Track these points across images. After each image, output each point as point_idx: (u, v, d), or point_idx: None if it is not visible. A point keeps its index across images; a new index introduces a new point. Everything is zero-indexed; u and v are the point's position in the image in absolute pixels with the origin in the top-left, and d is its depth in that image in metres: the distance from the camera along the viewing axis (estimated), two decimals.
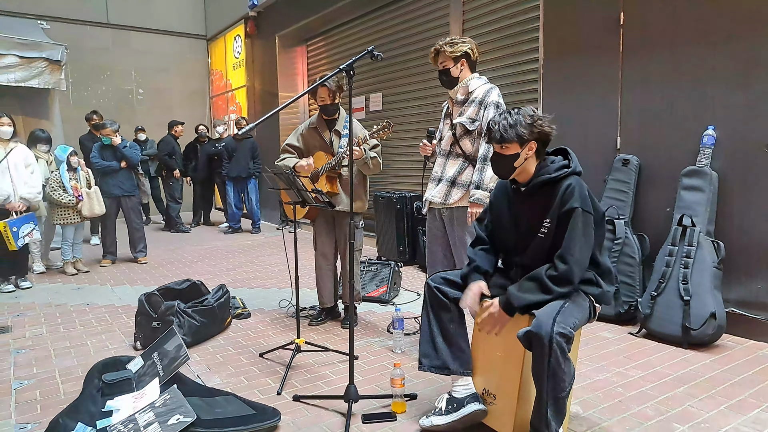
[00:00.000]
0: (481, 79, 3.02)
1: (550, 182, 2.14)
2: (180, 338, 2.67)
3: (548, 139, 2.17)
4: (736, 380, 2.73)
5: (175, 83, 10.91)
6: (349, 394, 2.41)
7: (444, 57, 2.97)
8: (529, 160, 2.17)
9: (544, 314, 1.93)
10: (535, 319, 1.94)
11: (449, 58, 2.96)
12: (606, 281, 2.19)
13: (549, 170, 2.15)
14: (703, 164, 3.38)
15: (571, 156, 2.20)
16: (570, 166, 2.16)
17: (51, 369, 3.07)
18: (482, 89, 2.94)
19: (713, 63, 3.38)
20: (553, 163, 2.19)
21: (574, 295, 2.08)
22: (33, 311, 4.24)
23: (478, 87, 2.96)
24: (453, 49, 2.94)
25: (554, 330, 1.85)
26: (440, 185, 3.01)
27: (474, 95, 2.95)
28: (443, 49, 2.96)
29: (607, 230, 3.76)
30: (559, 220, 2.09)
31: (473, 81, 2.99)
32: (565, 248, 2.04)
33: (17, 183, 4.76)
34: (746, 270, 3.27)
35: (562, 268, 2.02)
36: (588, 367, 2.94)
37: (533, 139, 2.13)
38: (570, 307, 2.00)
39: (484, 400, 2.26)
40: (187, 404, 2.19)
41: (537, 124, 2.12)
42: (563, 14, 4.23)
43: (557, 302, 2.01)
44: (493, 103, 2.89)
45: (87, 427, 2.20)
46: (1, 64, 5.78)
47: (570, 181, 2.11)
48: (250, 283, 5.00)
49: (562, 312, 1.94)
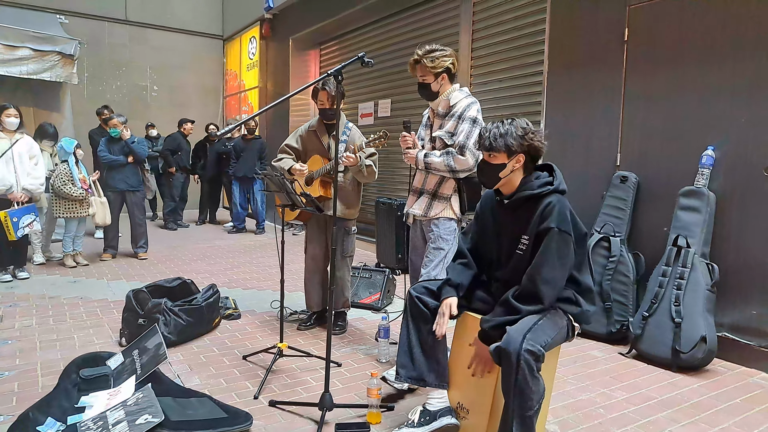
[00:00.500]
0: (463, 91, 2.93)
1: (532, 198, 2.11)
2: (161, 337, 2.67)
3: (538, 153, 2.15)
4: (722, 407, 2.66)
5: (189, 81, 11.02)
6: (324, 402, 2.39)
7: (424, 71, 2.84)
8: (516, 172, 2.15)
9: (515, 330, 1.90)
10: (506, 334, 1.91)
11: (429, 73, 2.83)
12: (587, 300, 2.15)
13: (532, 186, 2.13)
14: (701, 185, 3.32)
15: (556, 173, 2.17)
16: (553, 184, 2.13)
17: (34, 361, 3.09)
18: (463, 103, 2.85)
19: (717, 82, 3.33)
20: (538, 178, 2.16)
21: (552, 313, 2.05)
22: (26, 302, 4.28)
23: (459, 101, 2.87)
24: (434, 64, 2.80)
25: (523, 347, 1.82)
26: (421, 198, 2.95)
27: (455, 109, 2.85)
28: (423, 63, 2.82)
29: (602, 247, 3.71)
30: (536, 237, 2.06)
31: (455, 94, 2.89)
32: (534, 267, 2.02)
33: (20, 174, 4.83)
34: (741, 294, 3.20)
35: (526, 286, 2.00)
36: (572, 386, 2.89)
37: (522, 151, 2.11)
38: (544, 325, 1.97)
39: (458, 414, 2.23)
40: (157, 404, 2.18)
41: (528, 137, 2.10)
42: (569, 28, 4.20)
43: (531, 318, 1.97)
44: (469, 119, 2.81)
45: (57, 422, 2.21)
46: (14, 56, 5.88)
47: (551, 199, 2.08)
48: (246, 284, 5.01)
49: (534, 329, 1.91)
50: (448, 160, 2.78)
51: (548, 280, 1.99)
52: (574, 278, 2.12)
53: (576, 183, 4.14)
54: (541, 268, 1.99)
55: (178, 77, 10.85)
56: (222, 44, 11.35)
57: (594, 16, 4.00)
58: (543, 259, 2.00)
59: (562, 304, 2.10)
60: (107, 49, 10.01)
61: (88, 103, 9.31)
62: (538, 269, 1.99)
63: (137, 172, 5.95)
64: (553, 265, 2.00)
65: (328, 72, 2.34)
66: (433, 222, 2.89)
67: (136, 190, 5.90)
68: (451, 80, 2.91)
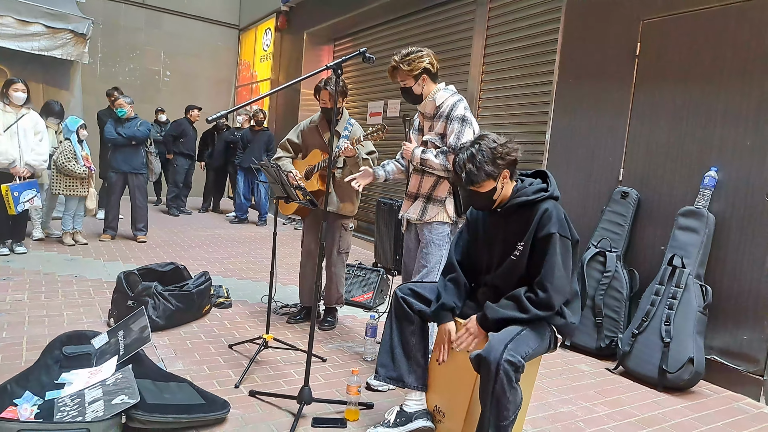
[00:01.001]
0: (447, 90, 2.87)
1: (526, 205, 2.10)
2: (147, 320, 2.67)
3: (517, 162, 2.13)
4: (703, 429, 2.64)
5: (203, 69, 11.05)
6: (302, 395, 2.38)
7: (403, 75, 2.77)
8: (506, 186, 2.13)
9: (496, 339, 1.89)
10: (487, 342, 1.90)
11: (409, 77, 2.77)
12: (572, 309, 2.13)
13: (526, 192, 2.12)
14: (702, 206, 3.29)
15: (550, 180, 2.16)
16: (548, 190, 2.11)
17: (20, 335, 3.11)
18: (449, 103, 2.80)
19: (725, 103, 3.30)
20: (531, 185, 2.15)
21: (536, 324, 2.03)
22: (20, 276, 4.30)
23: (444, 100, 2.81)
24: (411, 67, 2.73)
25: (503, 357, 1.81)
26: (416, 202, 2.90)
27: (441, 109, 2.81)
28: (400, 68, 2.75)
29: (598, 262, 3.68)
30: (534, 244, 2.05)
31: (439, 94, 2.83)
32: (545, 275, 2.00)
33: (24, 149, 4.85)
34: (733, 318, 3.17)
35: (542, 296, 1.99)
36: (555, 398, 2.87)
37: (503, 169, 2.09)
38: (526, 335, 1.96)
39: (434, 417, 2.22)
40: (135, 386, 2.18)
41: (500, 157, 2.07)
42: (582, 39, 4.17)
43: (514, 328, 1.96)
44: (458, 118, 2.75)
45: (34, 396, 2.22)
46: (27, 32, 5.90)
47: (547, 205, 2.07)
48: (241, 275, 5.02)
49: (516, 339, 1.90)
50: (443, 160, 2.76)
51: (559, 287, 1.99)
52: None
53: (577, 195, 4.13)
54: (552, 278, 1.98)
55: (191, 64, 10.89)
56: (237, 34, 11.38)
57: (607, 28, 3.97)
58: (551, 267, 1.99)
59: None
60: (122, 31, 10.07)
61: (100, 83, 9.36)
62: (549, 277, 1.98)
63: (140, 154, 5.96)
64: (561, 272, 2.00)
65: (327, 65, 2.32)
66: (426, 227, 2.86)
67: (138, 172, 5.92)
68: (434, 80, 2.84)
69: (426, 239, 2.85)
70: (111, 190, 5.86)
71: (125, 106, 5.76)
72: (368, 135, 3.32)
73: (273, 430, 2.31)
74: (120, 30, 10.02)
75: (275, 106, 9.64)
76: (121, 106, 5.76)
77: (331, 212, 3.58)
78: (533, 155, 4.63)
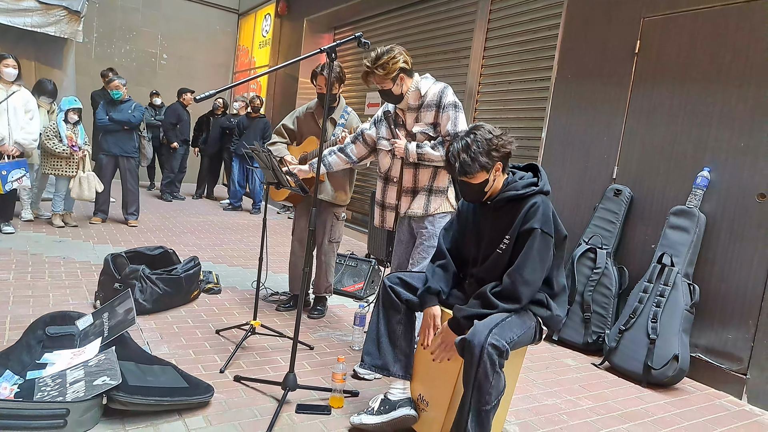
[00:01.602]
0: (428, 78, 2.79)
1: (516, 199, 2.09)
2: (132, 302, 2.65)
3: (510, 154, 2.12)
4: (685, 425, 2.66)
5: (200, 53, 10.95)
6: (287, 381, 2.38)
7: (379, 79, 2.68)
8: (498, 179, 2.13)
9: (481, 324, 1.89)
10: (472, 327, 1.90)
11: (386, 80, 2.68)
12: (559, 302, 2.14)
13: (516, 186, 2.11)
14: (693, 205, 3.30)
15: (541, 174, 2.15)
16: (538, 185, 2.10)
17: (4, 315, 3.07)
18: (434, 90, 2.72)
19: (721, 104, 3.29)
20: (522, 179, 2.14)
21: (521, 313, 2.04)
22: (7, 256, 4.26)
23: (428, 89, 2.74)
24: (387, 70, 2.64)
25: (487, 340, 1.81)
26: (418, 196, 2.82)
27: (428, 99, 2.72)
28: (376, 73, 2.66)
29: (588, 258, 3.69)
30: (517, 237, 2.05)
31: (423, 83, 2.74)
32: (516, 267, 2.00)
33: (14, 127, 4.79)
34: (719, 318, 3.18)
35: (507, 284, 1.99)
36: (540, 390, 2.88)
37: (497, 161, 2.08)
38: (511, 322, 1.96)
39: (418, 406, 2.22)
40: (117, 368, 2.17)
41: (495, 148, 2.06)
42: (582, 36, 4.15)
43: (499, 315, 1.96)
44: (450, 105, 2.68)
45: (15, 375, 2.20)
46: (19, 7, 5.77)
47: (536, 199, 2.06)
48: (232, 261, 4.99)
49: (501, 325, 1.90)
50: (443, 152, 2.64)
51: (528, 281, 1.99)
52: (549, 279, 2.10)
53: (571, 191, 4.12)
54: (523, 270, 1.98)
55: (188, 48, 10.78)
56: (236, 18, 11.27)
57: (608, 25, 3.95)
58: (524, 260, 1.99)
59: (533, 306, 2.08)
60: (119, 11, 9.95)
61: (95, 63, 9.27)
62: (520, 270, 1.99)
63: (132, 138, 5.89)
64: (534, 266, 2.00)
65: (321, 48, 2.29)
66: (427, 219, 2.79)
67: (130, 156, 5.86)
68: (410, 75, 2.76)
69: (429, 232, 2.79)
70: (101, 173, 5.80)
71: (121, 88, 5.70)
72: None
73: (256, 414, 2.30)
74: (117, 9, 9.90)
75: (273, 93, 9.58)
76: (116, 88, 5.69)
77: (323, 201, 3.56)
78: (529, 150, 4.62)
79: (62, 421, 1.92)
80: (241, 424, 2.21)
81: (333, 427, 2.28)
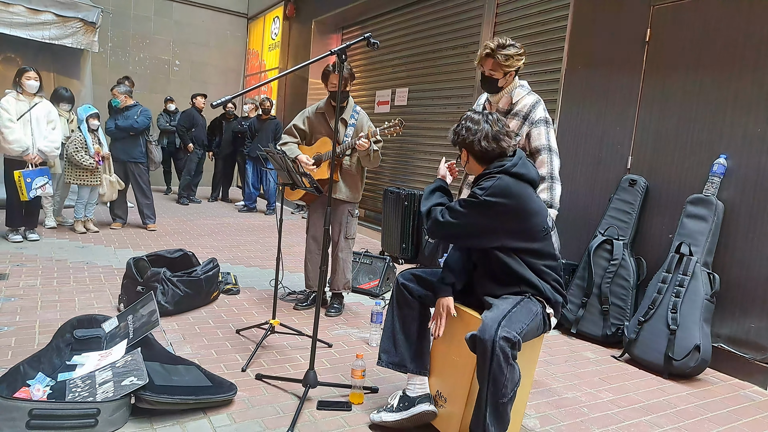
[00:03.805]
0: (524, 87, 2.75)
1: (482, 177, 2.13)
2: (155, 304, 2.71)
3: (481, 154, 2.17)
4: (708, 416, 2.64)
5: (212, 58, 11.07)
6: (308, 378, 2.41)
7: (494, 66, 2.63)
8: (470, 164, 2.20)
9: (490, 318, 1.90)
10: (481, 323, 1.91)
11: (500, 70, 2.64)
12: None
13: (489, 167, 2.14)
14: (710, 193, 3.27)
15: (515, 157, 2.13)
16: (504, 165, 2.10)
17: (33, 319, 3.17)
18: (526, 102, 2.69)
19: (735, 90, 3.26)
20: (501, 162, 2.14)
21: (525, 301, 2.04)
22: (33, 263, 4.37)
23: (521, 98, 2.71)
24: (508, 63, 2.61)
25: (498, 334, 1.82)
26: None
27: (518, 108, 2.69)
28: (497, 59, 2.61)
29: (604, 250, 3.68)
30: None
31: (517, 91, 2.71)
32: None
33: (37, 136, 4.91)
34: (740, 307, 3.15)
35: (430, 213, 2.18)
36: (560, 384, 2.88)
37: (463, 148, 2.18)
38: (518, 312, 1.97)
39: (436, 402, 2.24)
40: (144, 368, 2.22)
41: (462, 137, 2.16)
42: (591, 26, 4.13)
43: (506, 306, 1.97)
44: (542, 120, 2.64)
45: (47, 377, 2.27)
46: (37, 20, 5.94)
47: (495, 175, 2.06)
48: (249, 262, 5.06)
49: (509, 317, 1.91)
50: (547, 197, 2.65)
51: (436, 224, 2.12)
52: (534, 266, 2.11)
53: (585, 183, 4.11)
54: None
55: (200, 53, 10.91)
56: (246, 23, 11.37)
57: (617, 14, 3.93)
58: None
59: (529, 289, 2.08)
60: (132, 20, 10.10)
61: (111, 72, 9.42)
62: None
63: (139, 143, 5.95)
64: (454, 215, 2.08)
65: (331, 50, 2.32)
66: None
67: (137, 161, 5.94)
68: (516, 76, 2.75)
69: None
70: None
71: (119, 96, 5.83)
72: (385, 129, 3.33)
73: (279, 412, 2.34)
74: (129, 19, 10.06)
75: (283, 95, 9.65)
76: (114, 97, 5.84)
77: (337, 199, 3.60)
78: None
79: (93, 420, 1.98)
80: (264, 421, 2.25)
81: (354, 423, 2.31)
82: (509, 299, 2.03)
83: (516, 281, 2.07)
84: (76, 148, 5.33)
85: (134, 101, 5.97)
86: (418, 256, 5.62)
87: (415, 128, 6.42)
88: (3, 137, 4.72)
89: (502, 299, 2.04)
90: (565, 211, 4.06)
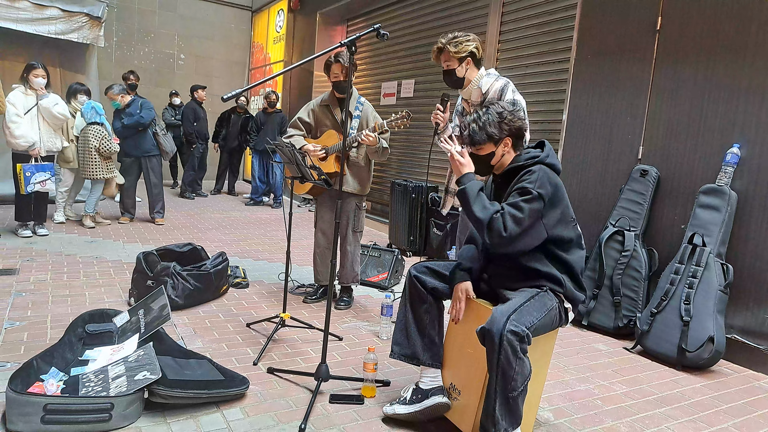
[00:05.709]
0: (491, 75, 2.86)
1: (516, 169, 2.12)
2: (166, 299, 2.71)
3: (521, 133, 2.15)
4: (723, 407, 2.62)
5: (216, 52, 11.04)
6: (320, 372, 2.41)
7: (447, 57, 2.82)
8: (506, 155, 2.15)
9: (499, 311, 1.89)
10: (490, 315, 1.90)
11: (453, 59, 2.81)
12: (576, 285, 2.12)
13: (519, 159, 2.14)
14: (723, 183, 3.23)
15: (546, 148, 2.15)
16: (539, 156, 2.10)
17: (44, 314, 3.17)
18: (496, 87, 2.80)
19: (748, 78, 3.21)
20: (527, 153, 2.14)
21: (540, 295, 2.02)
22: (43, 258, 4.39)
23: (490, 86, 2.81)
24: (457, 49, 2.79)
25: (506, 327, 1.80)
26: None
27: (490, 96, 2.80)
28: (447, 49, 2.81)
29: (616, 241, 3.64)
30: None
31: (484, 80, 2.84)
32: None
33: (44, 132, 4.92)
34: (755, 297, 3.12)
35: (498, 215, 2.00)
36: (572, 376, 2.87)
37: (506, 135, 2.11)
38: (530, 306, 1.94)
39: (450, 394, 2.23)
40: (156, 363, 2.22)
41: (506, 121, 2.10)
42: (601, 14, 4.07)
43: (519, 299, 1.96)
44: (509, 102, 2.73)
45: (60, 372, 2.27)
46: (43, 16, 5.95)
47: (534, 168, 2.06)
48: (257, 255, 5.06)
49: (519, 310, 1.89)
50: None
51: (511, 227, 1.95)
52: (560, 257, 2.08)
53: (595, 174, 4.07)
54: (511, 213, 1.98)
55: (205, 47, 10.88)
56: (250, 16, 11.32)
57: (627, 1, 3.87)
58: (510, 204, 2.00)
59: (549, 283, 2.06)
60: (137, 15, 10.08)
61: (116, 67, 9.43)
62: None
63: (149, 136, 5.94)
64: (515, 213, 1.96)
65: (341, 42, 2.30)
66: None
67: (150, 154, 5.94)
68: (477, 66, 2.86)
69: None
70: (126, 174, 5.92)
71: (115, 98, 5.81)
72: (392, 122, 3.31)
73: (291, 405, 2.34)
74: (134, 13, 10.04)
75: (288, 87, 9.61)
76: (112, 99, 5.82)
77: (345, 192, 3.58)
78: (550, 134, 4.56)
79: (107, 414, 1.98)
80: (277, 415, 2.25)
81: (366, 416, 2.31)
82: (525, 292, 2.01)
83: (535, 275, 2.06)
84: (107, 139, 5.42)
85: (131, 96, 5.97)
86: (426, 249, 5.61)
87: (422, 120, 6.39)
88: (10, 132, 4.73)
89: (519, 292, 2.02)
90: (576, 202, 4.03)
